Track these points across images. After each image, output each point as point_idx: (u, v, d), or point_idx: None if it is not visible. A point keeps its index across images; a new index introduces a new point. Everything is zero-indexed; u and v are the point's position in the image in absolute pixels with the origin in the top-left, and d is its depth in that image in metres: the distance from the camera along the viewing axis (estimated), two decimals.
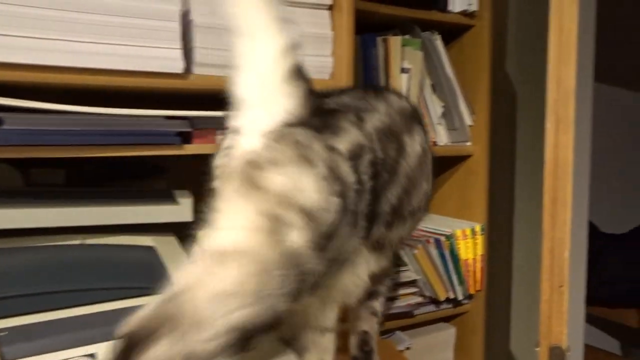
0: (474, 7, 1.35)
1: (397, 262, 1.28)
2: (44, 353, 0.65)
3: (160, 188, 1.04)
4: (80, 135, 0.84)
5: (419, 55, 1.29)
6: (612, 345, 2.43)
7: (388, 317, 1.23)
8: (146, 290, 0.81)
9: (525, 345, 1.79)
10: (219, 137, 0.94)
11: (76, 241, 0.90)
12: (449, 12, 1.34)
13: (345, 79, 1.02)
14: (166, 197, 0.98)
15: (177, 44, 0.88)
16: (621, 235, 2.44)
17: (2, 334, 0.67)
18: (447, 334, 1.41)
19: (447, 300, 1.38)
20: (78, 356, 0.67)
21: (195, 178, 1.11)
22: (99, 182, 1.04)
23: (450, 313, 1.42)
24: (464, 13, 1.36)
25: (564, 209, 1.00)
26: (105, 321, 0.73)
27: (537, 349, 1.11)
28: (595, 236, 2.05)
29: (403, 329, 1.33)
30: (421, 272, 1.32)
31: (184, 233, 1.03)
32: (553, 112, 0.97)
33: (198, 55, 0.92)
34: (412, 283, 1.30)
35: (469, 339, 1.45)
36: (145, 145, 0.88)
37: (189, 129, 0.91)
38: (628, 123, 2.50)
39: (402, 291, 1.28)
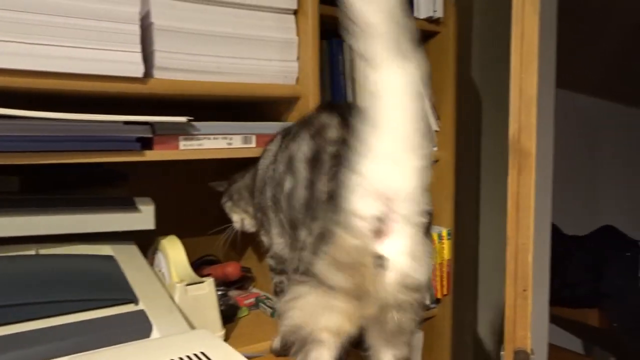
0: (439, 14, 1.36)
1: None
2: None
3: (120, 195, 1.01)
4: (37, 141, 0.81)
5: None
6: (575, 344, 2.49)
7: None
8: (107, 301, 0.78)
9: (491, 348, 1.82)
10: (181, 144, 0.92)
11: (30, 251, 0.86)
12: (414, 18, 1.35)
13: (311, 84, 1.01)
14: (127, 204, 0.95)
15: (137, 47, 0.86)
16: (582, 237, 2.50)
17: None
18: (415, 339, 1.41)
19: None
20: None
21: (156, 185, 1.09)
22: (56, 190, 1.00)
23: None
24: (429, 20, 1.37)
25: (527, 214, 1.01)
26: (66, 335, 0.70)
27: (502, 352, 1.12)
28: (559, 238, 2.09)
29: None
30: None
31: (144, 240, 1.01)
32: (516, 119, 0.99)
33: (158, 58, 0.89)
34: None
35: (437, 343, 1.46)
36: (105, 152, 0.86)
37: (149, 135, 0.89)
38: (587, 127, 2.57)
39: None
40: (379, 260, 0.58)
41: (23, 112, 0.78)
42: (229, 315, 1.03)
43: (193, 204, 1.14)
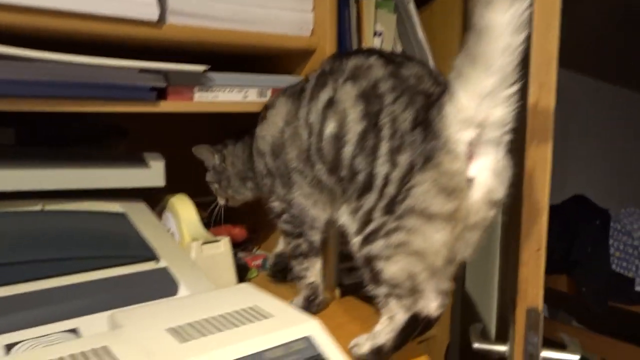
0: None
1: None
2: (22, 329, 0.57)
3: (127, 151, 0.95)
4: (42, 85, 0.74)
5: (392, 18, 1.25)
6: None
7: None
8: (127, 259, 0.73)
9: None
10: (196, 95, 0.87)
11: (37, 207, 0.80)
12: None
13: (328, 36, 0.97)
14: (136, 160, 0.89)
15: None
16: (554, 207, 2.57)
17: None
18: None
19: None
20: (59, 331, 0.59)
21: (160, 141, 1.03)
22: (53, 145, 0.93)
23: None
24: None
25: (544, 173, 1.01)
26: (85, 293, 0.65)
27: (512, 314, 1.12)
28: None
29: None
30: None
31: (148, 200, 0.95)
32: (536, 78, 0.98)
33: (172, 1, 0.83)
34: None
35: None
36: (116, 101, 0.79)
37: (163, 85, 0.83)
38: (561, 100, 2.61)
39: None
40: (470, 182, 0.63)
41: (27, 52, 0.70)
42: (239, 277, 1.00)
43: (196, 163, 1.08)
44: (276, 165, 0.87)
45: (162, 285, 0.70)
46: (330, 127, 0.74)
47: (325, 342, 0.57)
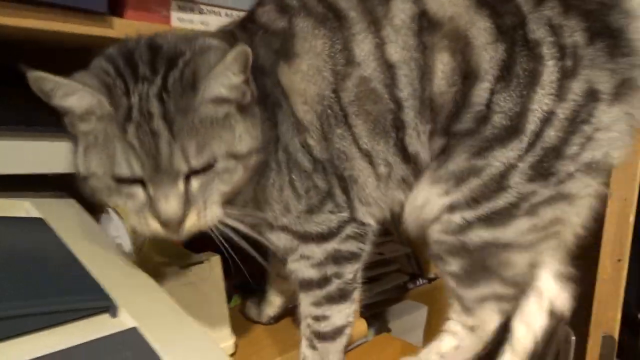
0: None
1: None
2: None
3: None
4: None
5: None
6: None
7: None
8: (57, 315, 0.37)
9: None
10: (174, 15, 0.51)
11: None
12: None
13: None
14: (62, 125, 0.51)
15: None
16: None
17: None
18: (420, 314, 1.15)
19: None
20: None
21: None
22: None
23: (422, 290, 1.15)
24: None
25: (635, 165, 0.81)
26: None
27: (573, 338, 0.90)
28: None
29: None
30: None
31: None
32: None
33: None
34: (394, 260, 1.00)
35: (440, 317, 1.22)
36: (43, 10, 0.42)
37: None
38: None
39: (385, 269, 0.97)
40: None
41: None
42: None
43: None
44: (329, 154, 0.52)
45: None
46: (441, 62, 0.48)
47: None
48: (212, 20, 0.54)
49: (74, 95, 0.41)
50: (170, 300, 0.44)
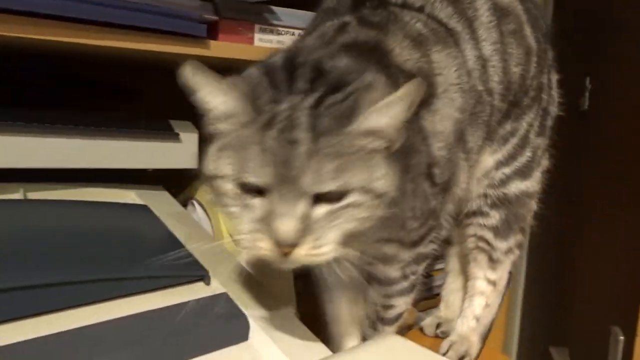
0: None
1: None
2: None
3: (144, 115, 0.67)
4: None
5: None
6: None
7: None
8: (161, 280, 0.46)
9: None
10: (257, 37, 0.60)
11: (16, 194, 0.52)
12: None
13: None
14: (160, 130, 0.62)
15: None
16: None
17: None
18: None
19: None
20: None
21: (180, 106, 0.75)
22: (43, 105, 0.64)
23: None
24: None
25: None
26: (112, 340, 0.38)
27: (622, 337, 0.90)
28: None
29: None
30: None
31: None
32: None
33: None
34: None
35: None
36: (159, 35, 0.52)
37: (213, 17, 0.56)
38: None
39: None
40: None
41: None
42: None
43: None
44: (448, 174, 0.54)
45: (225, 325, 0.44)
46: (512, 46, 0.56)
47: None
48: (288, 40, 0.63)
49: (218, 97, 0.41)
50: (252, 274, 0.52)
